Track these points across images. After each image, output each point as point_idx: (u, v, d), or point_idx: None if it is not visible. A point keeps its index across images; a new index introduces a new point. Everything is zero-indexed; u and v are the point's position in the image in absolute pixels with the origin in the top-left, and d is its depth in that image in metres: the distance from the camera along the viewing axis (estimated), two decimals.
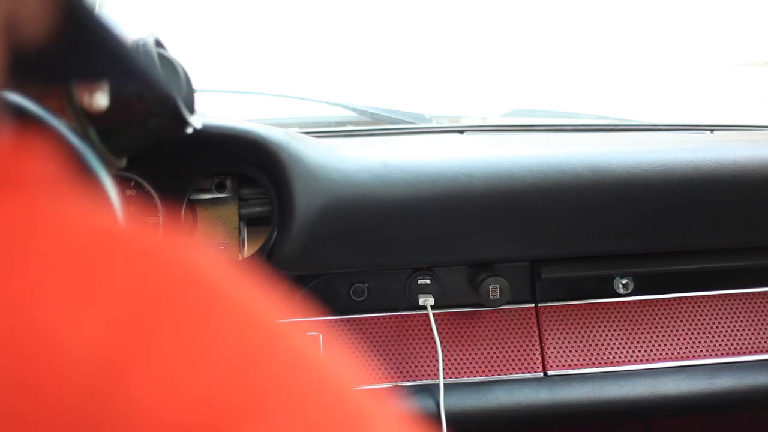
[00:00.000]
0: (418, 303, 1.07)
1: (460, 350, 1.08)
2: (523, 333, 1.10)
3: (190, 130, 0.54)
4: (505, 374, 1.08)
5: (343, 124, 1.31)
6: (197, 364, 0.22)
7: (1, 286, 0.22)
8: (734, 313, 1.13)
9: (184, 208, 0.95)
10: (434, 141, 1.21)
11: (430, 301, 1.07)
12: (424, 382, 1.07)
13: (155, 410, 0.21)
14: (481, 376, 1.08)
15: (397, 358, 1.07)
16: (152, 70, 0.43)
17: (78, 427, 0.20)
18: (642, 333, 1.11)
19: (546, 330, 1.10)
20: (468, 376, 1.08)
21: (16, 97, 0.68)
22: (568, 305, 1.11)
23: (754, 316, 1.14)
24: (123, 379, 0.21)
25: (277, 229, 0.98)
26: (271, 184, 0.99)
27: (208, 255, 0.25)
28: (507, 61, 1.63)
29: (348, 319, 1.08)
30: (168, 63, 0.53)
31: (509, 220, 1.01)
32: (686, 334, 1.12)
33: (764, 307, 1.14)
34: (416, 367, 1.07)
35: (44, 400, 0.20)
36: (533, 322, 1.10)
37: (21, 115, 0.67)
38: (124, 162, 0.51)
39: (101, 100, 0.44)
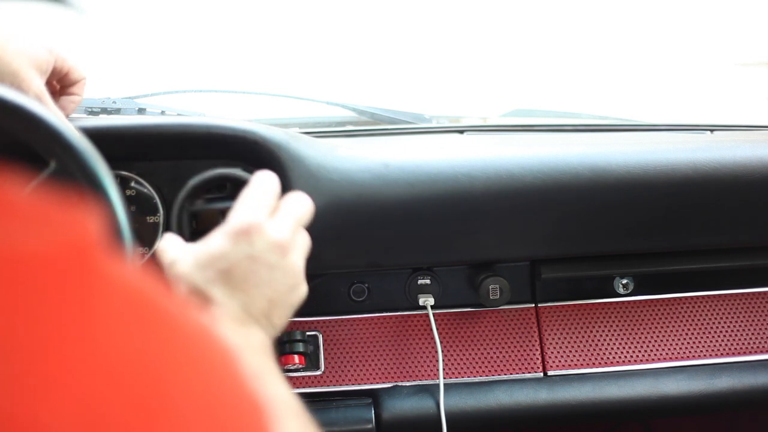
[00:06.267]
0: (418, 303, 1.07)
1: (460, 350, 1.08)
2: (523, 333, 1.10)
3: None
4: (505, 374, 1.08)
5: (343, 124, 1.31)
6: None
7: None
8: (734, 313, 1.13)
9: (183, 208, 0.95)
10: (434, 141, 1.21)
11: (430, 301, 1.07)
12: (424, 382, 1.07)
13: None
14: (481, 376, 1.08)
15: (397, 358, 1.07)
16: None
17: None
18: (642, 333, 1.11)
19: (546, 330, 1.10)
20: (468, 376, 1.08)
21: None
22: (568, 305, 1.11)
23: (754, 316, 1.14)
24: None
25: None
26: None
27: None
28: (507, 61, 1.63)
29: (348, 319, 1.08)
30: None
31: (509, 220, 1.01)
32: (686, 334, 1.12)
33: (764, 307, 1.14)
34: (416, 367, 1.07)
35: None
36: (533, 322, 1.10)
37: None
38: None
39: None
